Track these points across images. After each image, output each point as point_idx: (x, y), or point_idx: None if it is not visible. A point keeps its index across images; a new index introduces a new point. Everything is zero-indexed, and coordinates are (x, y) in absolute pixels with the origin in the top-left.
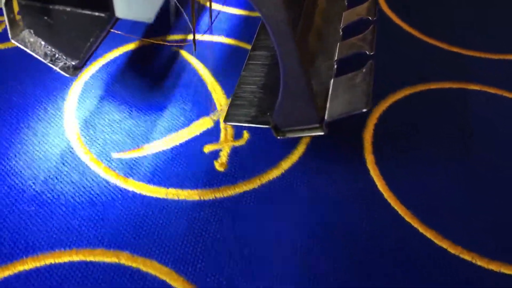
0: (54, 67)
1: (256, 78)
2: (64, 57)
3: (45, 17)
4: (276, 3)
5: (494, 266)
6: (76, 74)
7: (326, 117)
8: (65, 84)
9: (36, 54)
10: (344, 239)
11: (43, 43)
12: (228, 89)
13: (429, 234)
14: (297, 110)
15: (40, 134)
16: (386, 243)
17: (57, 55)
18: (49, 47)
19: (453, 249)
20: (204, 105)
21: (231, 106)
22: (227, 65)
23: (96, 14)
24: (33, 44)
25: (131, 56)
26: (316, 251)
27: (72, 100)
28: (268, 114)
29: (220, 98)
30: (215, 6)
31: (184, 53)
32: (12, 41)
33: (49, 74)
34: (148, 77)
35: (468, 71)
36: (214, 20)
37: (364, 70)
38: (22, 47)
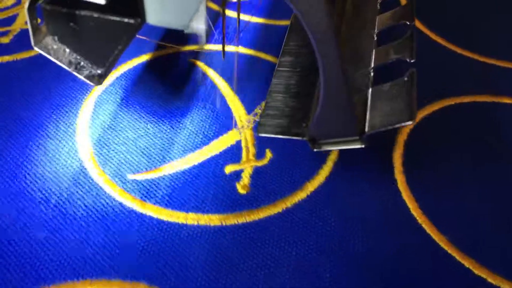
0: (79, 76)
1: (287, 86)
2: (90, 65)
3: (71, 23)
4: (322, 12)
5: None
6: (101, 82)
7: (366, 129)
8: (77, 99)
9: (59, 61)
10: (375, 269)
11: (67, 50)
12: (248, 104)
13: (466, 262)
14: (336, 121)
15: (51, 153)
16: (420, 272)
17: (82, 63)
18: (74, 54)
19: (492, 279)
20: (223, 122)
21: (263, 117)
22: (246, 77)
23: (126, 20)
24: (56, 52)
25: (146, 69)
26: (345, 281)
27: (84, 116)
28: (304, 125)
29: (240, 114)
30: (229, 14)
31: (202, 65)
32: (35, 48)
33: (60, 88)
34: (164, 91)
35: (501, 83)
36: (242, 31)
37: (405, 78)
38: (45, 54)
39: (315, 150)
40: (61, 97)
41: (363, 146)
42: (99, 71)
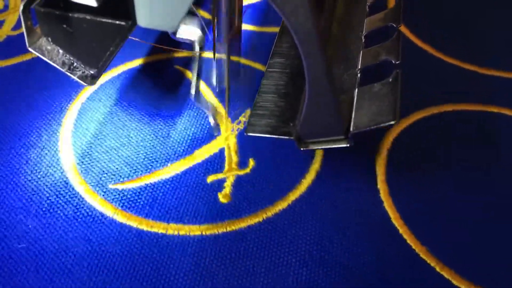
0: (72, 76)
1: (277, 86)
2: (83, 66)
3: (64, 25)
4: (306, 13)
5: None
6: (94, 83)
7: (351, 129)
8: (61, 107)
9: (53, 62)
10: (355, 278)
11: (61, 51)
12: (232, 111)
13: (446, 273)
14: (322, 121)
15: (33, 163)
16: (399, 281)
17: (75, 64)
18: (67, 55)
19: None
20: (207, 130)
21: (252, 116)
22: (232, 85)
23: (117, 22)
24: (50, 52)
25: (131, 76)
26: None
27: (68, 125)
28: (291, 125)
29: (223, 122)
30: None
31: (187, 73)
32: (29, 49)
33: (44, 96)
34: (148, 99)
35: (488, 92)
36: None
37: (390, 79)
38: (39, 55)
39: (302, 149)
40: (45, 105)
41: (348, 145)
42: (91, 72)
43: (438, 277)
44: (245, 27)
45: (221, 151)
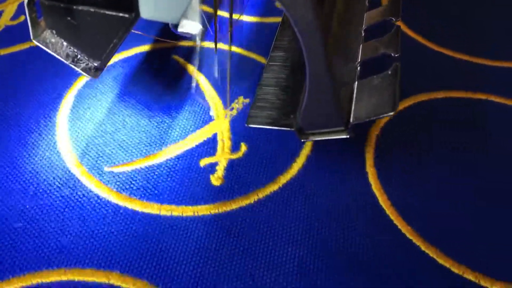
0: (76, 68)
1: (277, 79)
2: (86, 58)
3: (68, 18)
4: (306, 5)
5: (498, 287)
6: (98, 75)
7: (351, 120)
8: (58, 94)
9: (57, 54)
10: (343, 258)
11: (65, 43)
12: (227, 99)
13: (431, 252)
14: (322, 113)
15: (31, 146)
16: (386, 260)
17: (79, 56)
18: (71, 48)
19: (456, 269)
20: (201, 116)
21: (253, 108)
22: (226, 74)
23: (121, 15)
24: (54, 45)
25: (127, 65)
26: (313, 270)
27: (65, 111)
28: (292, 116)
29: (218, 109)
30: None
31: (184, 62)
32: (34, 41)
33: (42, 84)
34: (143, 87)
35: (475, 79)
36: (233, 26)
37: (390, 72)
38: (43, 47)
39: (302, 140)
40: (43, 93)
41: (348, 136)
42: (95, 64)
43: (423, 255)
44: (247, 18)
45: (214, 136)
